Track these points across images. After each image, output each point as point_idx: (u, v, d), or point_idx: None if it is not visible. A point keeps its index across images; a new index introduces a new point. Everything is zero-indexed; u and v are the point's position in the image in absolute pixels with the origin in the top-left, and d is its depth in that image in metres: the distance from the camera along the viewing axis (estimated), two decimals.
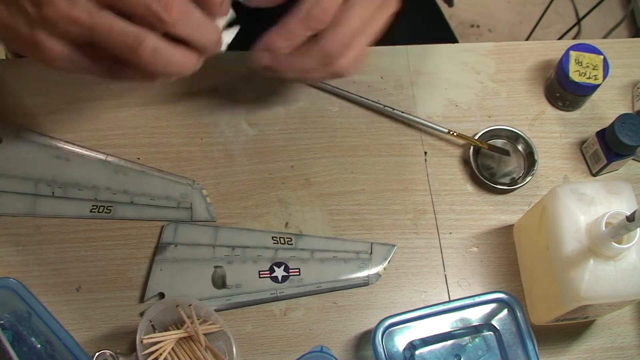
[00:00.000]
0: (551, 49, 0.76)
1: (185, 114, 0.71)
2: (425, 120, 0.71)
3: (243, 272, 0.64)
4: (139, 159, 0.69)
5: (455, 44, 0.78)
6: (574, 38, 1.75)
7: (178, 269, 0.64)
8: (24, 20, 0.45)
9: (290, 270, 0.64)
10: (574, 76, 0.69)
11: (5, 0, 0.46)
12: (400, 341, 0.60)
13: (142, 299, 0.63)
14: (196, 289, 0.64)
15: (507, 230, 0.68)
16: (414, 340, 0.60)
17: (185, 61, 0.48)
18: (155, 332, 0.60)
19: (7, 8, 0.46)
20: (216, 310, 0.62)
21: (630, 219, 0.50)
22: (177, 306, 0.60)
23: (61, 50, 0.46)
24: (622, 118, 0.65)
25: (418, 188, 0.69)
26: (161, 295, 0.63)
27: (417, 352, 0.60)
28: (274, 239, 0.66)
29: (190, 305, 0.59)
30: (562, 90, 0.71)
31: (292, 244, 0.65)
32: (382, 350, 0.58)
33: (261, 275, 0.64)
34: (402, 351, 0.59)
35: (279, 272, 0.64)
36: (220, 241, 0.65)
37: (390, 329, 0.60)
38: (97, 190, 0.67)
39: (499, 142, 0.71)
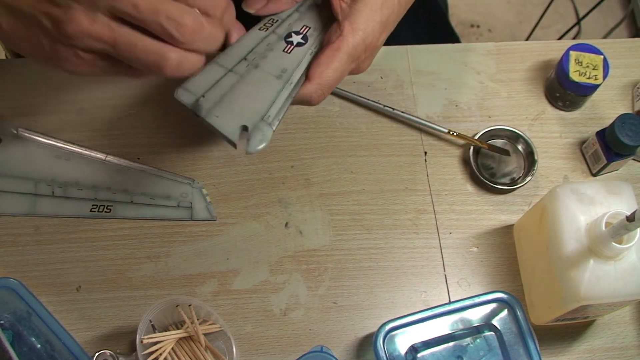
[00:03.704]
0: (551, 49, 0.76)
1: (185, 114, 0.71)
2: (425, 120, 0.71)
3: None
4: (139, 158, 0.69)
5: (455, 44, 0.78)
6: (574, 38, 1.75)
7: None
8: (45, 36, 0.45)
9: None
10: (574, 76, 0.69)
11: (23, 17, 0.45)
12: (402, 344, 0.60)
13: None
14: None
15: (507, 230, 0.68)
16: (416, 343, 0.60)
17: (199, 64, 0.48)
18: (155, 332, 0.60)
19: (25, 24, 0.45)
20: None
21: (630, 219, 0.50)
22: (177, 306, 0.60)
23: (83, 61, 0.46)
24: (622, 118, 0.65)
25: (418, 188, 0.69)
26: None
27: (419, 355, 0.60)
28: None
29: (190, 305, 0.59)
30: (562, 90, 0.71)
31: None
32: (384, 354, 0.58)
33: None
34: (404, 354, 0.59)
35: None
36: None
37: (392, 333, 0.60)
38: (97, 189, 0.67)
39: (499, 142, 0.71)
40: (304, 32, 0.54)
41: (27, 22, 0.45)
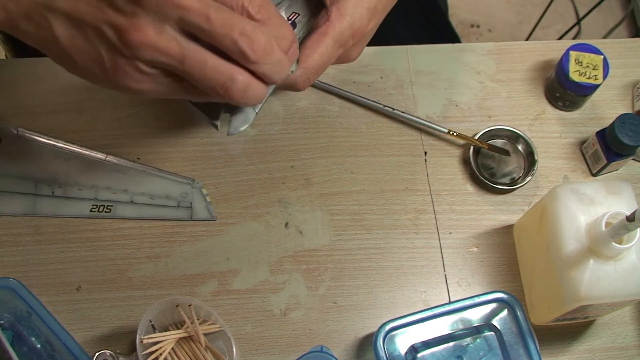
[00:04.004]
0: (551, 49, 0.76)
1: (185, 114, 0.71)
2: (425, 120, 0.71)
3: None
4: (139, 159, 0.69)
5: (455, 44, 0.78)
6: (574, 38, 1.75)
7: None
8: (106, 48, 0.42)
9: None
10: (574, 76, 0.69)
11: (84, 27, 0.42)
12: (402, 344, 0.60)
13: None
14: None
15: (507, 230, 0.68)
16: (416, 343, 0.60)
17: (263, 94, 0.46)
18: (155, 332, 0.60)
19: (85, 36, 0.42)
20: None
21: (630, 219, 0.50)
22: (177, 306, 0.60)
23: (145, 77, 0.43)
24: (622, 118, 0.65)
25: (418, 188, 0.69)
26: None
27: (419, 355, 0.60)
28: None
29: (190, 305, 0.59)
30: (562, 90, 0.71)
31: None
32: (384, 354, 0.58)
33: None
34: (404, 354, 0.59)
35: None
36: None
37: (392, 333, 0.60)
38: (97, 189, 0.67)
39: (499, 142, 0.71)
40: (293, 19, 0.54)
41: (87, 34, 0.42)
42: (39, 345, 0.60)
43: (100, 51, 0.42)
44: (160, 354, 0.59)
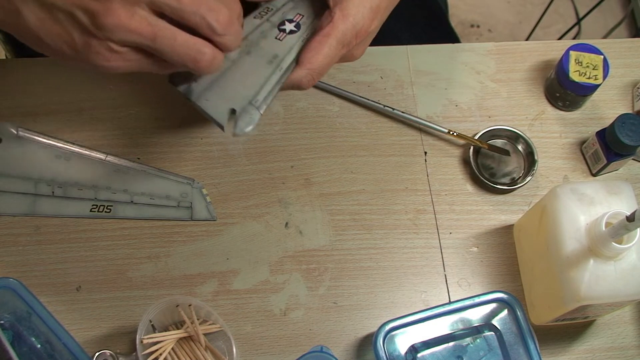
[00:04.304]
0: (551, 49, 0.76)
1: (185, 113, 0.71)
2: (425, 120, 0.71)
3: None
4: (139, 158, 0.69)
5: (456, 44, 0.78)
6: (574, 38, 1.75)
7: None
8: (77, 30, 0.44)
9: None
10: (574, 76, 0.69)
11: (55, 11, 0.44)
12: (402, 344, 0.60)
13: None
14: None
15: (507, 230, 0.68)
16: (416, 343, 0.60)
17: (221, 63, 0.49)
18: (155, 332, 0.60)
19: (56, 19, 0.44)
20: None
21: (630, 219, 0.50)
22: (177, 306, 0.60)
23: (115, 55, 0.45)
24: (622, 118, 0.65)
25: (418, 188, 0.69)
26: None
27: (419, 355, 0.60)
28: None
29: (190, 305, 0.59)
30: (562, 90, 0.71)
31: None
32: (384, 354, 0.58)
33: None
34: (404, 354, 0.59)
35: None
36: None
37: (392, 333, 0.60)
38: (97, 189, 0.67)
39: (499, 142, 0.71)
40: (297, 20, 0.55)
41: (59, 17, 0.44)
42: (39, 345, 0.60)
43: (72, 34, 0.44)
44: (160, 354, 0.59)
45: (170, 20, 0.45)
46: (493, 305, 0.61)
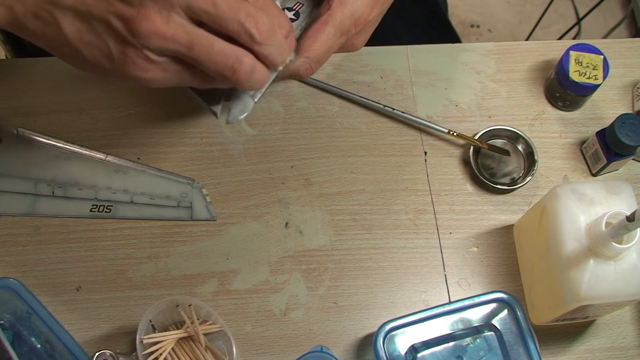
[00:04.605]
0: (551, 49, 0.76)
1: (186, 114, 0.71)
2: (425, 120, 0.71)
3: None
4: (139, 158, 0.69)
5: (455, 44, 0.78)
6: (574, 38, 1.75)
7: None
8: (113, 39, 0.43)
9: None
10: (574, 76, 0.69)
11: (91, 20, 0.43)
12: (402, 344, 0.60)
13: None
14: None
15: (507, 230, 0.68)
16: (416, 343, 0.60)
17: (266, 78, 0.48)
18: (155, 332, 0.60)
19: (92, 28, 0.43)
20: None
21: (630, 219, 0.50)
22: (177, 306, 0.60)
23: (153, 65, 0.44)
24: (622, 118, 0.65)
25: (418, 188, 0.69)
26: None
27: (419, 355, 0.60)
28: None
29: (190, 305, 0.59)
30: (562, 90, 0.71)
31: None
32: (384, 354, 0.58)
33: None
34: (404, 354, 0.59)
35: None
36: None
37: (392, 333, 0.60)
38: (97, 189, 0.67)
39: (499, 142, 0.71)
40: (297, 9, 0.55)
41: (95, 26, 0.43)
42: (39, 345, 0.60)
43: (108, 44, 0.43)
44: (160, 354, 0.59)
45: (209, 29, 0.44)
46: (493, 305, 0.61)
